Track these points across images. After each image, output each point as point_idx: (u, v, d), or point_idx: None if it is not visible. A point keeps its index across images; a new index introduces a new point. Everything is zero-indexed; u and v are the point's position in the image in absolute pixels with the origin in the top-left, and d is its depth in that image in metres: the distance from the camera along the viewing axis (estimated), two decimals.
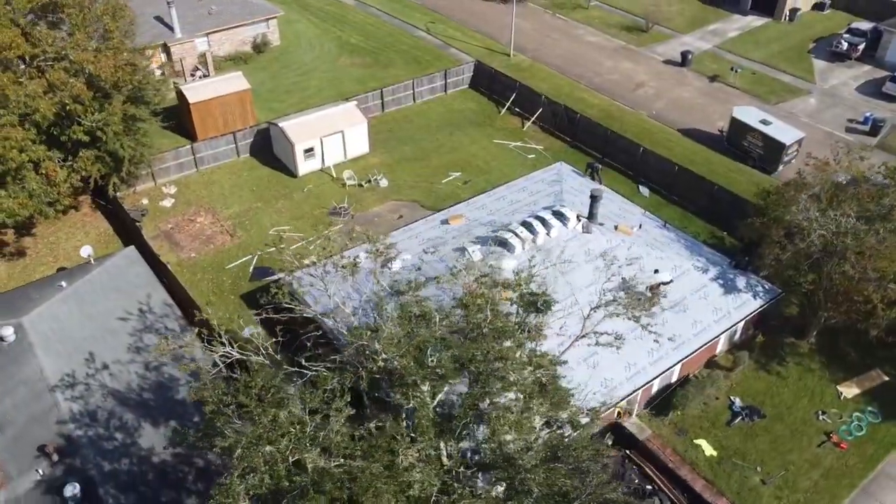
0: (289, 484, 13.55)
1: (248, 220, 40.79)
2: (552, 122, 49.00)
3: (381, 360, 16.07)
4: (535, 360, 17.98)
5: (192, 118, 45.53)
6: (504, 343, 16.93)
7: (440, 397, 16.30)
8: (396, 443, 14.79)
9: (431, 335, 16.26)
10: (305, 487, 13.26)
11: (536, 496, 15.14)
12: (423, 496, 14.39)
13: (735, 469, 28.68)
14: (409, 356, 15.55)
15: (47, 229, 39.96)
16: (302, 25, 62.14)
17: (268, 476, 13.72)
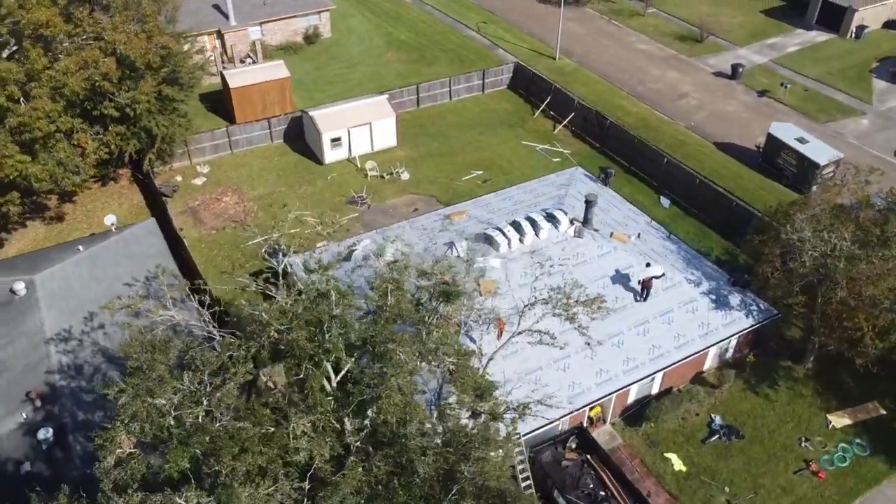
0: (167, 435, 14.62)
1: (270, 202, 42.48)
2: (583, 126, 48.86)
3: (274, 331, 17.03)
4: (441, 347, 18.53)
5: (233, 102, 47.70)
6: (406, 328, 17.55)
7: (354, 368, 17.08)
8: (286, 411, 15.73)
9: (327, 313, 17.06)
10: (176, 439, 14.33)
11: (421, 476, 15.72)
12: (313, 465, 15.20)
13: (702, 487, 28.31)
14: (300, 330, 16.43)
15: (87, 198, 42.79)
16: (355, 20, 63.80)
17: (148, 425, 14.87)
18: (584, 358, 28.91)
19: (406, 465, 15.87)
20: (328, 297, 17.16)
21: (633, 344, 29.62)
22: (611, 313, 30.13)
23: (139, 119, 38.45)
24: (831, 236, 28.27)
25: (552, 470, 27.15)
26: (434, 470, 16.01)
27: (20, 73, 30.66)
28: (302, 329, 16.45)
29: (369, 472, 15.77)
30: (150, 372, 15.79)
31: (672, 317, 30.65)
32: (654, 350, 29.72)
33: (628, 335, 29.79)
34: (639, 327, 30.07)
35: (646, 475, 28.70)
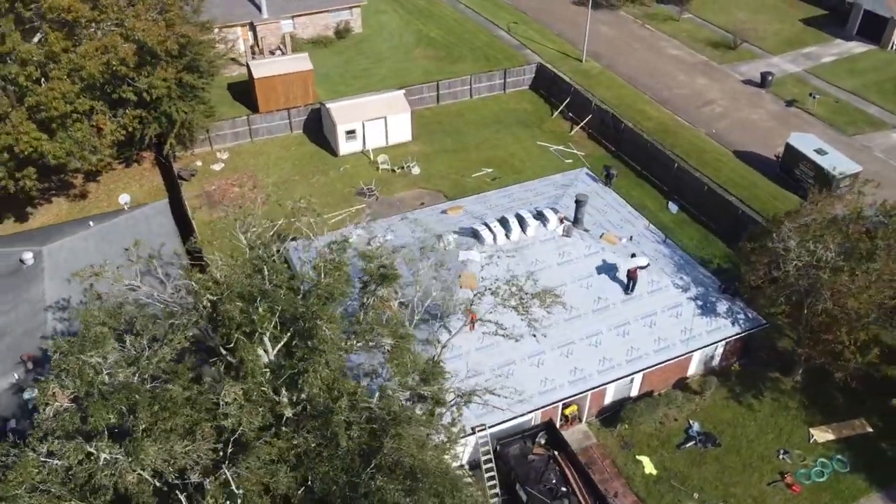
0: (97, 392, 15.59)
1: (282, 190, 43.69)
2: (600, 129, 48.80)
3: (207, 300, 17.88)
4: (376, 328, 19.10)
5: (256, 92, 49.15)
6: (335, 307, 18.27)
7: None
8: (220, 381, 16.62)
9: (259, 287, 17.83)
10: (98, 395, 15.31)
11: (343, 449, 16.35)
12: (242, 432, 16.02)
13: (671, 491, 28.24)
14: (231, 302, 17.26)
15: (110, 178, 44.74)
16: (387, 16, 64.82)
17: (79, 380, 15.88)
18: (560, 355, 29.14)
19: (331, 437, 16.53)
20: (261, 273, 17.97)
21: (611, 344, 29.70)
22: (592, 313, 30.34)
23: (159, 104, 40.03)
24: (817, 247, 27.88)
25: (517, 463, 27.45)
26: (357, 444, 16.64)
27: (40, 54, 32.41)
28: (234, 301, 17.31)
29: (289, 441, 16.46)
30: (88, 332, 16.88)
31: (654, 320, 30.60)
32: (632, 352, 29.74)
33: (607, 335, 29.88)
34: (619, 328, 30.11)
35: (615, 476, 28.78)
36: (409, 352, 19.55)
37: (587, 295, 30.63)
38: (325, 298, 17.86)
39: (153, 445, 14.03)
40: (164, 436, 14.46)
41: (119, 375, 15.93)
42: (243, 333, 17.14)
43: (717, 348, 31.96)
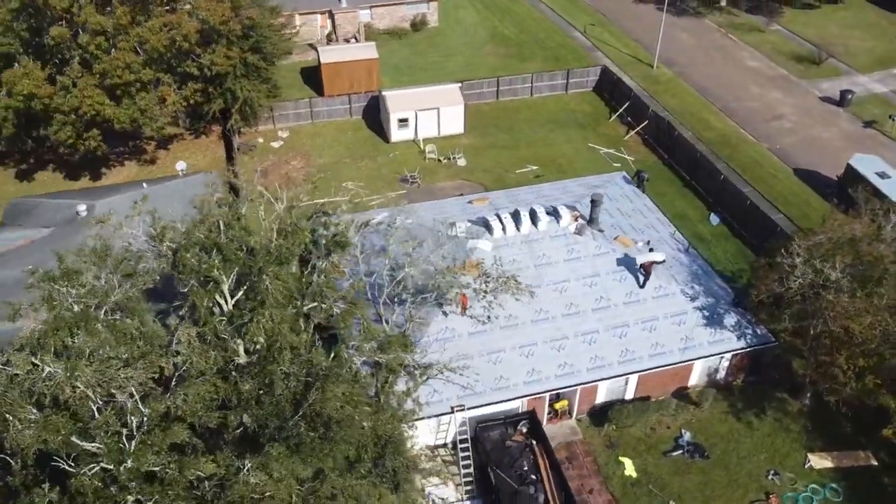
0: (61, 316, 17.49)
1: (330, 171, 45.75)
2: (655, 136, 48.29)
3: (167, 247, 19.59)
4: (325, 291, 20.29)
5: (322, 76, 51.55)
6: (290, 268, 19.57)
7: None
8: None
9: (213, 240, 19.39)
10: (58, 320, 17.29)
11: (277, 396, 17.72)
12: (188, 369, 17.72)
13: (647, 495, 28.19)
14: (187, 251, 18.88)
15: (180, 147, 48.21)
16: (465, 12, 66.03)
17: (47, 305, 17.80)
18: (551, 349, 29.56)
19: (269, 384, 17.97)
20: (221, 228, 19.59)
21: (605, 344, 29.83)
22: (592, 311, 30.54)
23: (224, 81, 42.89)
24: (824, 265, 27.08)
25: (494, 447, 28.15)
26: (292, 394, 17.99)
27: (109, 25, 35.60)
28: (191, 249, 19.01)
29: (235, 385, 17.99)
30: (60, 265, 18.99)
31: (655, 325, 30.46)
32: (626, 353, 29.76)
33: (603, 335, 30.01)
34: (616, 329, 30.19)
35: (594, 473, 28.96)
36: (365, 319, 20.71)
37: (589, 293, 30.83)
38: (276, 258, 19.34)
39: (90, 366, 15.94)
40: (107, 360, 16.34)
41: (80, 305, 17.92)
42: (200, 281, 18.86)
43: (722, 361, 31.43)
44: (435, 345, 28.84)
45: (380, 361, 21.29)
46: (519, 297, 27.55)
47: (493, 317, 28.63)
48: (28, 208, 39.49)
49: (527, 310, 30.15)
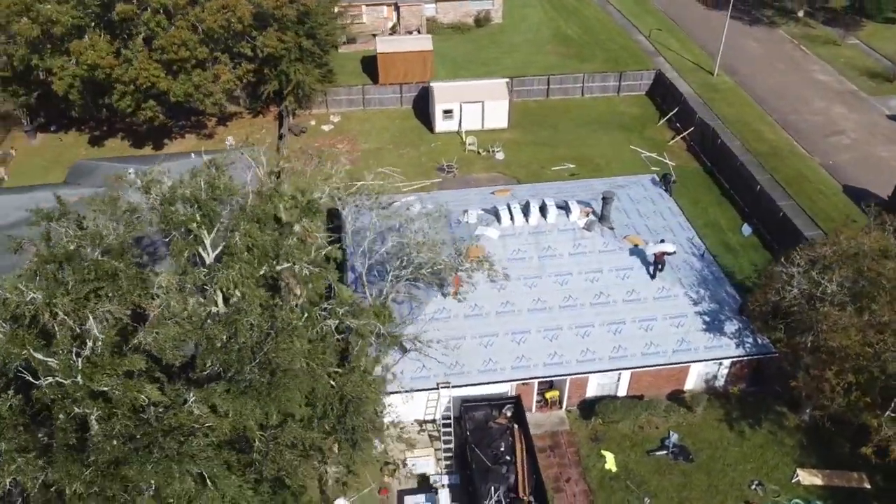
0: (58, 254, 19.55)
1: (373, 156, 47.50)
2: (700, 142, 47.72)
3: (154, 199, 21.41)
4: (294, 252, 21.62)
5: (378, 65, 53.39)
6: (266, 228, 21.09)
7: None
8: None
9: (195, 196, 21.03)
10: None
11: (240, 344, 19.28)
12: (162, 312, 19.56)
13: (623, 490, 28.42)
14: (171, 205, 20.63)
15: (238, 124, 51.02)
16: (532, 10, 66.61)
17: (44, 243, 19.90)
18: (544, 338, 30.15)
19: (235, 332, 19.53)
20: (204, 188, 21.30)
21: (599, 338, 30.17)
22: (590, 305, 30.92)
23: (278, 63, 45.25)
24: (822, 278, 26.64)
25: (476, 426, 29.00)
26: (254, 342, 19.51)
27: (169, 3, 38.33)
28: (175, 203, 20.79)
29: (202, 328, 19.67)
30: (63, 207, 21.23)
31: (652, 325, 30.56)
32: (618, 349, 30.02)
33: (598, 329, 30.36)
34: (612, 325, 30.47)
35: (575, 463, 29.40)
36: (337, 284, 22.10)
37: (590, 288, 31.20)
38: (249, 216, 20.87)
39: (67, 296, 17.90)
40: (87, 293, 18.33)
41: (82, 246, 19.99)
42: (181, 233, 20.62)
43: (721, 368, 31.20)
44: (430, 323, 29.97)
45: (351, 326, 22.59)
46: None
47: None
48: (89, 169, 42.97)
49: (525, 298, 30.84)
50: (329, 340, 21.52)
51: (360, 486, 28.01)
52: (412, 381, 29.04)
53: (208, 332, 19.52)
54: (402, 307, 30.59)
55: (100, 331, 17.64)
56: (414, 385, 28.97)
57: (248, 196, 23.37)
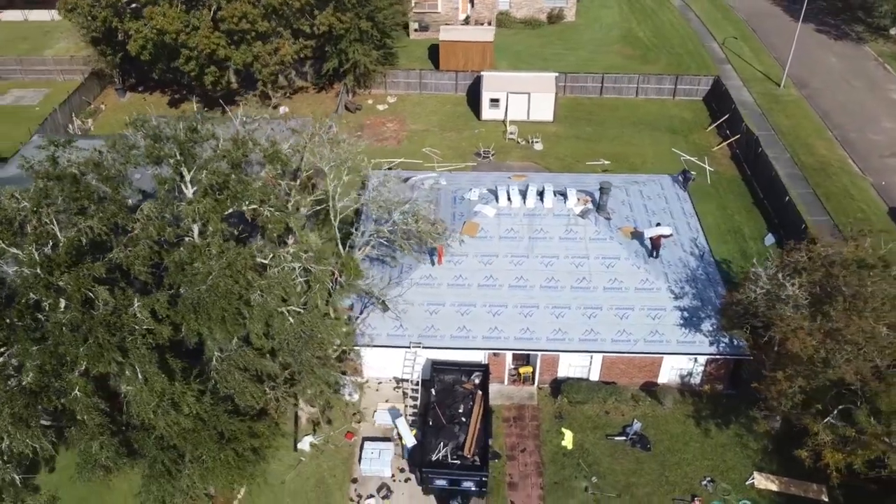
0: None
1: (418, 137, 49.79)
2: (744, 150, 47.14)
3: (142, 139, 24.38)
4: (257, 195, 23.92)
5: (439, 52, 55.64)
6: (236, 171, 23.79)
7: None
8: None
9: (175, 136, 23.81)
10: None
11: (197, 269, 21.95)
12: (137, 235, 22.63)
13: (573, 466, 29.36)
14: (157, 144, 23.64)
15: (301, 98, 54.54)
16: (608, 11, 66.92)
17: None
18: (519, 314, 31.43)
19: (196, 257, 22.20)
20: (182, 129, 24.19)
21: (572, 320, 31.14)
22: (570, 289, 31.90)
23: (338, 42, 48.31)
24: (788, 281, 26.67)
25: (443, 388, 30.66)
26: (205, 267, 22.12)
27: None
28: (158, 141, 23.76)
29: (169, 252, 22.60)
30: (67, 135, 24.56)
31: (628, 314, 31.22)
32: (590, 333, 30.88)
33: (573, 312, 31.32)
34: (588, 310, 31.35)
35: (533, 436, 30.59)
36: (299, 230, 24.48)
37: (573, 272, 32.16)
38: (220, 156, 23.66)
39: (52, 206, 21.09)
40: (76, 210, 21.59)
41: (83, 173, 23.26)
42: (167, 169, 23.65)
43: (696, 366, 31.47)
44: (415, 287, 31.92)
45: (310, 269, 24.91)
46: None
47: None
48: None
49: (508, 275, 32.20)
50: (288, 280, 23.88)
51: (331, 430, 30.55)
52: (388, 337, 31.10)
53: (174, 257, 22.32)
54: (392, 270, 32.74)
55: (65, 237, 20.74)
56: (390, 342, 31.01)
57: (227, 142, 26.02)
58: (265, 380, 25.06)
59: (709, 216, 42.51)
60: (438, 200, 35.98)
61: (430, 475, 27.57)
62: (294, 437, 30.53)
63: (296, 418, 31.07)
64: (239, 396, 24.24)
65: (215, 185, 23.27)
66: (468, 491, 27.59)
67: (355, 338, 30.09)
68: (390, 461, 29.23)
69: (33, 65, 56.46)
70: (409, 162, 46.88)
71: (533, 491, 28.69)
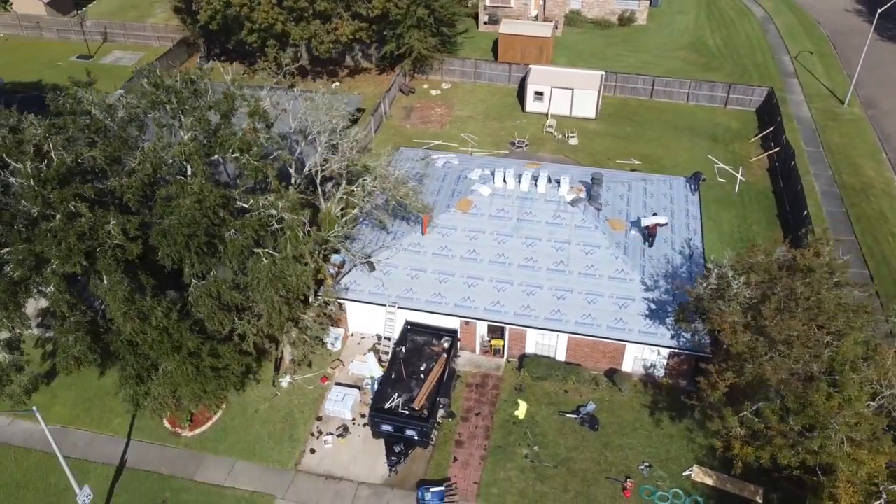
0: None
1: (461, 122, 52.07)
2: (782, 163, 46.52)
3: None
4: (237, 144, 26.93)
5: (498, 44, 57.60)
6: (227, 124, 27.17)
7: None
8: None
9: (176, 89, 27.28)
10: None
11: (176, 199, 25.39)
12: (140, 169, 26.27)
13: (519, 434, 30.98)
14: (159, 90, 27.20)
15: (364, 77, 57.91)
16: (683, 17, 66.54)
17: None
18: (493, 287, 33.23)
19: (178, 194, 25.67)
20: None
21: (541, 299, 32.63)
22: (546, 270, 33.38)
23: (396, 27, 51.32)
24: (735, 277, 27.26)
25: (412, 346, 32.99)
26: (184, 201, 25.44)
27: None
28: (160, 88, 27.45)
29: (159, 185, 26.05)
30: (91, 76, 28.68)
31: (596, 300, 32.36)
32: (556, 313, 32.28)
33: (545, 292, 32.79)
34: (558, 291, 32.73)
35: (490, 403, 32.40)
36: (275, 181, 27.63)
37: (552, 255, 33.58)
38: (209, 106, 27.05)
39: (61, 134, 25.10)
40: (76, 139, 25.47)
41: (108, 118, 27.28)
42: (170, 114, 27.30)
43: (659, 358, 32.23)
44: (402, 252, 34.40)
45: (284, 217, 27.87)
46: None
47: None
48: None
49: (490, 251, 34.05)
50: (262, 223, 27.02)
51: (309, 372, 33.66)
52: (370, 295, 33.72)
53: (163, 192, 25.89)
54: (382, 235, 35.33)
55: (57, 158, 24.67)
56: (371, 299, 33.63)
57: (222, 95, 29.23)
58: (234, 311, 28.27)
59: (725, 223, 42.61)
60: (445, 177, 38.24)
61: (377, 420, 29.99)
62: (274, 375, 33.72)
63: (281, 357, 34.24)
64: (209, 321, 27.54)
65: (206, 131, 26.70)
66: (411, 439, 29.79)
67: (336, 291, 32.88)
68: (352, 405, 31.83)
69: (135, 31, 62.84)
70: (445, 144, 49.25)
71: (476, 451, 30.54)
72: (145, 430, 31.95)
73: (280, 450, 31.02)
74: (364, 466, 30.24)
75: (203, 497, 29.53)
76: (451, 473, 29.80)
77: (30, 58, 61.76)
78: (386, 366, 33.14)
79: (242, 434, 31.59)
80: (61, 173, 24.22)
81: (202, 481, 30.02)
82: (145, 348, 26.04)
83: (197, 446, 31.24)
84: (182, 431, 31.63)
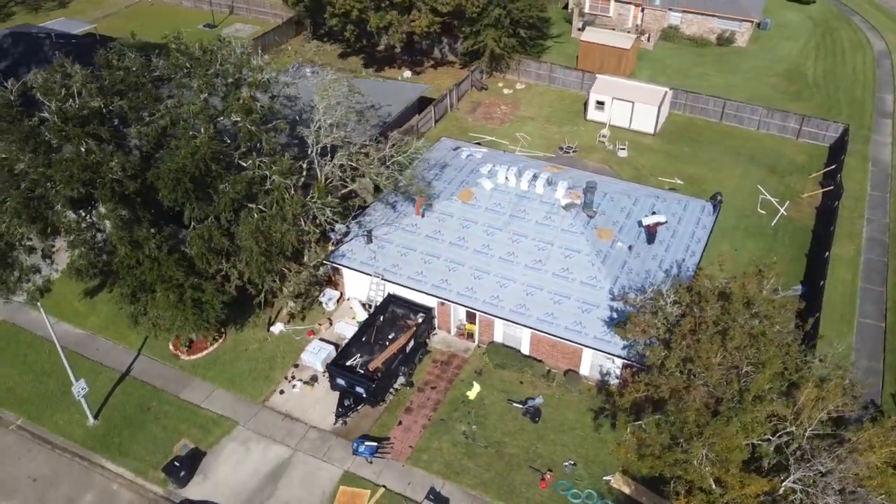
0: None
1: (520, 122, 53.84)
2: (831, 201, 44.79)
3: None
4: (237, 108, 30.63)
5: (579, 51, 58.63)
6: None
7: None
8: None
9: (190, 53, 31.23)
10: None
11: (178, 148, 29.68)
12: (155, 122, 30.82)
13: (463, 412, 32.92)
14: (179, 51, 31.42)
15: (444, 70, 60.90)
16: (787, 43, 64.09)
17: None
18: (470, 274, 35.26)
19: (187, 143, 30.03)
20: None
21: (511, 293, 34.23)
22: (524, 266, 34.97)
23: (473, 24, 53.96)
24: (667, 297, 27.88)
25: (390, 316, 35.76)
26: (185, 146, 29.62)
27: None
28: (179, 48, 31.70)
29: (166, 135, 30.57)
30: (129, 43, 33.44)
31: (562, 301, 33.57)
32: (521, 307, 33.82)
33: (517, 286, 34.37)
34: (530, 287, 34.22)
35: (448, 381, 34.57)
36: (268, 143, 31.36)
37: (534, 253, 35.02)
38: (215, 73, 31.04)
39: (93, 84, 30.07)
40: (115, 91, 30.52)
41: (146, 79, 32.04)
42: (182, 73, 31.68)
43: (614, 367, 33.01)
44: (397, 230, 37.24)
45: (274, 179, 31.55)
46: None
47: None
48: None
49: (477, 241, 36.07)
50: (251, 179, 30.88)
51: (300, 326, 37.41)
52: (360, 264, 36.85)
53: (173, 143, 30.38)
54: (389, 211, 38.28)
55: (80, 102, 29.62)
56: (360, 268, 36.77)
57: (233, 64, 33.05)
58: (223, 255, 32.40)
59: (747, 254, 41.77)
60: (462, 168, 40.57)
61: (333, 373, 33.09)
62: (269, 322, 37.72)
63: (279, 309, 38.18)
64: (198, 259, 31.80)
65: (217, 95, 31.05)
66: (360, 396, 32.66)
67: (331, 255, 36.38)
68: (324, 359, 35.12)
69: (256, 6, 69.45)
70: (497, 141, 51.33)
71: (421, 419, 32.89)
72: (153, 348, 36.91)
73: (255, 385, 34.90)
74: (319, 414, 33.45)
75: (181, 412, 33.94)
76: (392, 434, 32.34)
77: (166, 23, 69.92)
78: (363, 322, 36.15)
79: (229, 367, 35.78)
80: (83, 115, 29.19)
81: (184, 399, 34.45)
82: (138, 273, 30.65)
83: (189, 369, 35.76)
84: (181, 355, 36.28)
